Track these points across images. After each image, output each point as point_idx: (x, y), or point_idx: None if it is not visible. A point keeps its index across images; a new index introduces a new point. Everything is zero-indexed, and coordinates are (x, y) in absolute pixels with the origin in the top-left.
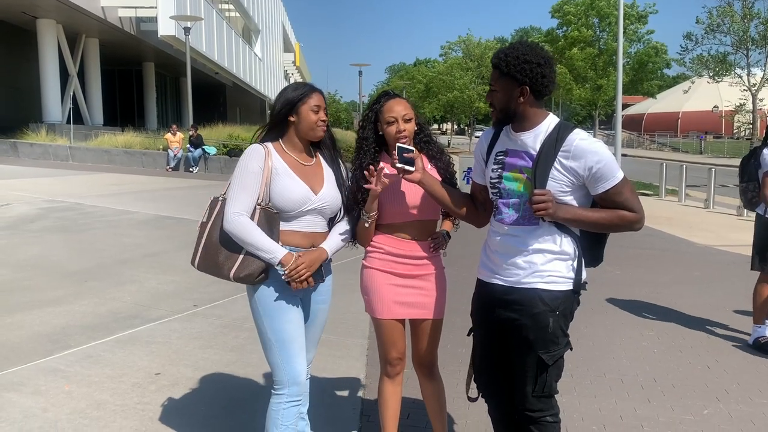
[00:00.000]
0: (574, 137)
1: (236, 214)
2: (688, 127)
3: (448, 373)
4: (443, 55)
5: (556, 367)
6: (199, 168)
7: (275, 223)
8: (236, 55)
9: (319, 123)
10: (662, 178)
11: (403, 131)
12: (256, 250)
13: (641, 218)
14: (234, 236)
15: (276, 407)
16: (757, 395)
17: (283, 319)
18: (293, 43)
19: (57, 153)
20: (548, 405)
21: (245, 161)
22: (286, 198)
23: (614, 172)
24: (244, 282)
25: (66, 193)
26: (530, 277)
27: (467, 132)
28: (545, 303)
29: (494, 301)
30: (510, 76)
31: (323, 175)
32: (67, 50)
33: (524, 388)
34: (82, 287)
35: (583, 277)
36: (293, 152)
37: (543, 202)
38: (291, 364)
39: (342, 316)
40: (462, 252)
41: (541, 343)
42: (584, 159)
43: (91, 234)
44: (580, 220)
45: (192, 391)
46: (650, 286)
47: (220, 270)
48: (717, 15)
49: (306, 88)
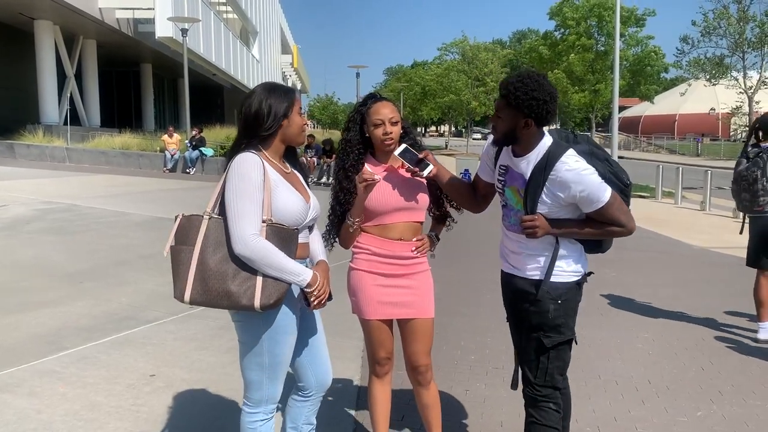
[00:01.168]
0: (561, 167)
1: (254, 236)
2: (684, 129)
3: (444, 375)
4: (439, 58)
5: (558, 358)
6: (196, 170)
7: (293, 240)
8: (234, 57)
9: (304, 127)
10: (659, 180)
11: (390, 134)
12: (281, 273)
13: (629, 230)
14: (252, 262)
15: (253, 426)
16: (751, 397)
17: (286, 342)
18: (291, 45)
19: (54, 154)
20: (554, 395)
21: (247, 172)
22: (289, 212)
23: (599, 197)
24: (269, 309)
25: (62, 195)
26: (533, 269)
27: (465, 134)
28: (546, 291)
29: (508, 288)
30: (517, 108)
31: (302, 183)
32: (64, 51)
33: (528, 374)
34: (78, 288)
35: (585, 268)
36: (275, 161)
37: (531, 228)
38: (275, 386)
39: (337, 318)
40: (457, 254)
41: (540, 327)
42: (569, 189)
43: (88, 235)
44: (571, 235)
45: (187, 392)
46: (646, 288)
47: (233, 299)
48: (713, 18)
49: (291, 90)
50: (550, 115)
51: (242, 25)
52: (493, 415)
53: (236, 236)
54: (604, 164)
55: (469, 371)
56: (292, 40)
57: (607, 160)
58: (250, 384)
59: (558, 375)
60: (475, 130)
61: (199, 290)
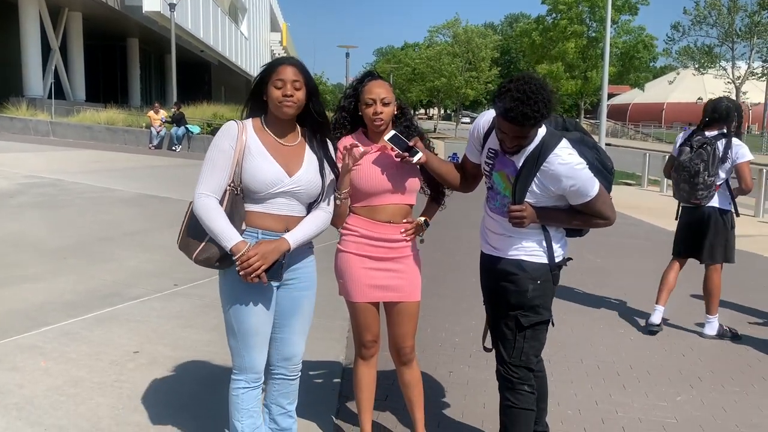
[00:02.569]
0: (555, 159)
1: (202, 195)
2: (672, 118)
3: (428, 357)
4: (429, 39)
5: (534, 338)
6: (182, 147)
7: (238, 205)
8: (222, 34)
9: (282, 99)
10: (645, 169)
11: (380, 113)
12: (213, 234)
13: (611, 222)
14: (198, 218)
15: (236, 392)
16: (728, 383)
17: (247, 310)
18: (280, 23)
19: (37, 128)
20: (528, 376)
21: (217, 140)
22: (256, 178)
23: (589, 191)
24: (204, 265)
25: (46, 169)
26: (515, 250)
27: (453, 118)
28: (525, 271)
29: (486, 270)
30: (540, 123)
31: (304, 157)
32: (49, 24)
33: (503, 352)
34: (62, 264)
35: (564, 253)
36: (274, 130)
37: (518, 217)
38: (250, 354)
39: (323, 298)
40: (442, 237)
41: (519, 306)
42: (561, 183)
43: (71, 211)
44: (554, 223)
45: (170, 369)
46: (629, 275)
47: (188, 250)
48: (704, 7)
49: (273, 62)
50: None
51: (231, 1)
52: (476, 397)
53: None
54: (593, 151)
55: (453, 353)
56: (282, 18)
57: (596, 147)
58: (231, 350)
59: (533, 356)
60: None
61: (181, 238)
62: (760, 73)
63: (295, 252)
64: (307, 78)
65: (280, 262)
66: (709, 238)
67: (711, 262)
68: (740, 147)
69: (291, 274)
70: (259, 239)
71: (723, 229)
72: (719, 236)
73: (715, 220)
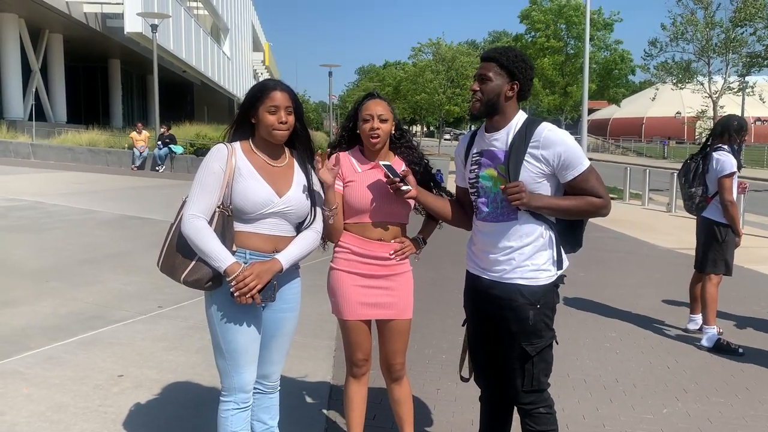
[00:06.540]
0: (542, 129)
1: (192, 216)
2: (652, 132)
3: (416, 374)
4: (413, 57)
5: (542, 361)
6: (165, 167)
7: (229, 227)
8: (204, 54)
9: (277, 125)
10: (626, 182)
11: (377, 129)
12: (205, 256)
13: (608, 203)
14: (188, 240)
15: (225, 414)
16: (713, 394)
17: (236, 329)
18: (263, 42)
19: (18, 150)
20: (540, 398)
21: (207, 161)
22: (248, 199)
23: (581, 160)
24: (193, 287)
25: (27, 192)
26: (511, 273)
27: (436, 134)
28: (524, 297)
29: (480, 294)
30: (508, 69)
31: (292, 178)
32: (29, 45)
33: (514, 381)
34: (43, 287)
35: (563, 267)
36: (262, 152)
37: (516, 192)
38: (239, 374)
39: (309, 317)
40: (432, 253)
41: (523, 335)
42: (552, 148)
43: (53, 233)
44: (552, 207)
45: (156, 393)
46: (613, 288)
47: (174, 273)
48: (681, 23)
49: (264, 87)
50: (530, 84)
51: (213, 21)
52: (464, 414)
53: (182, 216)
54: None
55: (441, 370)
56: (264, 37)
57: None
58: (219, 371)
59: (543, 377)
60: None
61: (163, 260)
62: (737, 88)
63: (282, 273)
64: (296, 102)
65: (272, 282)
66: (701, 248)
67: (700, 270)
68: (722, 161)
69: (276, 294)
70: (247, 260)
71: (713, 241)
72: (711, 247)
73: (706, 231)
